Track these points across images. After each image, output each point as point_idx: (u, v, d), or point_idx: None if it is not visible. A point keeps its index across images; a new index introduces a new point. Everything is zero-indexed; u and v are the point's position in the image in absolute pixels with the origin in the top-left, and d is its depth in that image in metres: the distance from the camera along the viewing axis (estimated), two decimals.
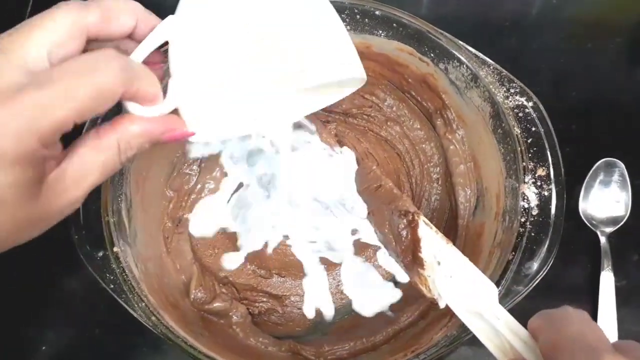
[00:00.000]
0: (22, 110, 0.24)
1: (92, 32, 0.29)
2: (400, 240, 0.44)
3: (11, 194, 0.25)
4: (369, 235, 0.54)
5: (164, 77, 0.33)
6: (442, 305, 0.39)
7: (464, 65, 0.49)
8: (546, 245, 0.43)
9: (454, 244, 0.52)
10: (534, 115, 0.47)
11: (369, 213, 0.52)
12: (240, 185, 0.58)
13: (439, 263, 0.38)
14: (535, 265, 0.43)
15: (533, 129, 0.46)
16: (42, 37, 0.27)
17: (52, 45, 0.27)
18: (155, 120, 0.31)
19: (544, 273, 0.43)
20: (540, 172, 0.45)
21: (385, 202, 0.48)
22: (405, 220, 0.44)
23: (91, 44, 0.30)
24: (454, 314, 0.44)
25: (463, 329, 0.41)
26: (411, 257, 0.42)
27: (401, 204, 0.46)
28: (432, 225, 0.42)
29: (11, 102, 0.24)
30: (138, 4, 0.32)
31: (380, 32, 0.51)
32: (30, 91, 0.24)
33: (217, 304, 0.52)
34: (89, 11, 0.29)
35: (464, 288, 0.36)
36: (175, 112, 0.32)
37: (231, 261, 0.55)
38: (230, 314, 0.52)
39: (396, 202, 0.46)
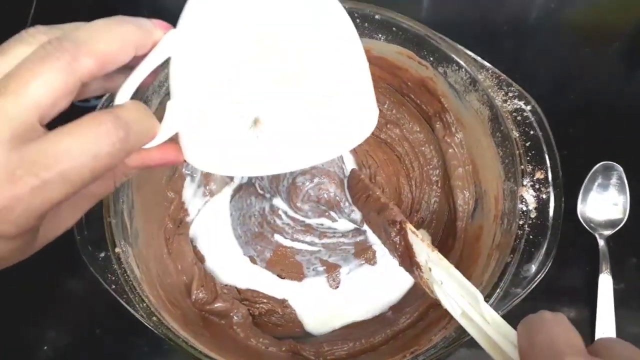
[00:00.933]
0: (21, 197, 0.23)
1: (86, 80, 0.26)
2: (395, 247, 0.45)
3: (10, 252, 0.26)
4: (374, 236, 0.54)
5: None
6: (445, 306, 0.39)
7: (463, 69, 0.49)
8: (544, 248, 0.44)
9: (453, 246, 0.53)
10: (532, 118, 0.47)
11: (365, 221, 0.53)
12: (240, 187, 0.59)
13: (430, 269, 0.39)
14: (533, 268, 0.43)
15: (531, 132, 0.47)
16: (32, 104, 0.24)
17: (44, 110, 0.24)
18: (151, 151, 0.29)
19: (543, 275, 0.43)
20: (539, 175, 0.46)
21: (375, 211, 0.48)
22: (395, 229, 0.45)
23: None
24: (451, 316, 0.44)
25: (462, 330, 0.41)
26: (409, 261, 0.43)
27: (388, 213, 0.46)
28: (418, 233, 0.42)
29: (9, 188, 0.23)
30: (133, 27, 0.28)
31: (380, 36, 0.52)
32: (26, 178, 0.23)
33: (218, 305, 0.52)
34: (81, 63, 0.25)
35: (453, 294, 0.36)
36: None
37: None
38: (231, 314, 0.52)
39: (384, 212, 0.47)
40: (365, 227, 0.55)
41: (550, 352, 0.25)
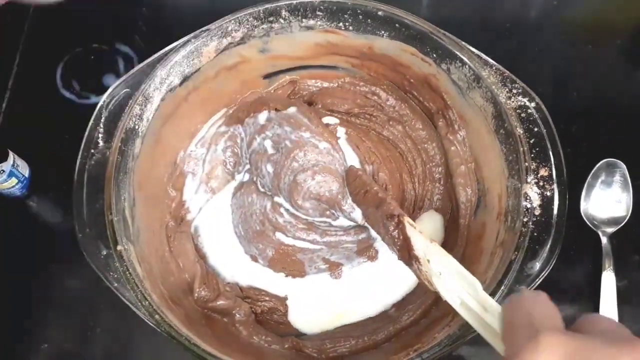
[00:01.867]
0: None
1: None
2: (394, 241, 0.45)
3: None
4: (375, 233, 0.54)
5: None
6: (444, 298, 0.39)
7: (467, 66, 0.49)
8: (548, 245, 0.44)
9: (456, 244, 0.53)
10: (537, 115, 0.47)
11: (364, 218, 0.53)
12: (241, 185, 0.58)
13: (428, 261, 0.39)
14: (537, 265, 0.43)
15: (535, 129, 0.47)
16: None
17: None
18: None
19: (547, 273, 0.43)
20: (543, 172, 0.45)
21: (374, 206, 0.48)
22: (393, 222, 0.45)
23: None
24: (455, 313, 0.44)
25: (466, 327, 0.41)
26: (408, 255, 0.43)
27: (386, 207, 0.46)
28: (415, 225, 0.43)
29: None
30: None
31: (383, 32, 0.51)
32: None
33: (220, 302, 0.52)
34: None
35: (452, 284, 0.36)
36: None
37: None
38: (234, 312, 0.52)
39: (382, 206, 0.47)
40: (366, 224, 0.55)
41: (527, 328, 0.26)
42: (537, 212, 0.45)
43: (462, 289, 0.35)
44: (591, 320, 0.27)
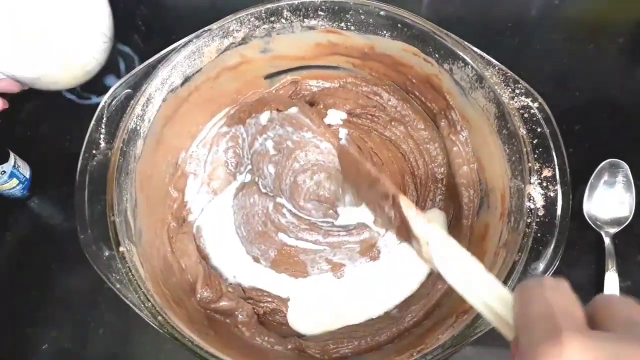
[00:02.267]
0: None
1: None
2: (390, 221, 0.43)
3: None
4: (378, 234, 0.54)
5: None
6: (447, 281, 0.38)
7: (469, 66, 0.49)
8: (552, 246, 0.43)
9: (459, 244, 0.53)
10: (540, 116, 0.47)
11: (360, 198, 0.51)
12: (243, 185, 0.58)
13: (427, 243, 0.38)
14: (541, 266, 0.43)
15: (538, 129, 0.46)
16: None
17: None
18: None
19: (551, 274, 0.43)
20: (546, 172, 0.45)
21: (367, 184, 0.47)
22: (389, 202, 0.44)
23: None
24: (458, 314, 0.44)
25: (470, 329, 0.41)
26: (407, 234, 0.42)
27: (380, 187, 0.45)
28: (412, 206, 0.40)
29: None
30: None
31: (385, 32, 0.51)
32: None
33: (223, 303, 0.51)
34: None
35: (454, 267, 0.35)
36: None
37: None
38: (236, 313, 0.51)
39: (376, 186, 0.46)
40: (371, 223, 0.54)
41: (546, 324, 0.22)
42: (541, 212, 0.44)
43: (465, 272, 0.33)
44: (610, 307, 0.23)
